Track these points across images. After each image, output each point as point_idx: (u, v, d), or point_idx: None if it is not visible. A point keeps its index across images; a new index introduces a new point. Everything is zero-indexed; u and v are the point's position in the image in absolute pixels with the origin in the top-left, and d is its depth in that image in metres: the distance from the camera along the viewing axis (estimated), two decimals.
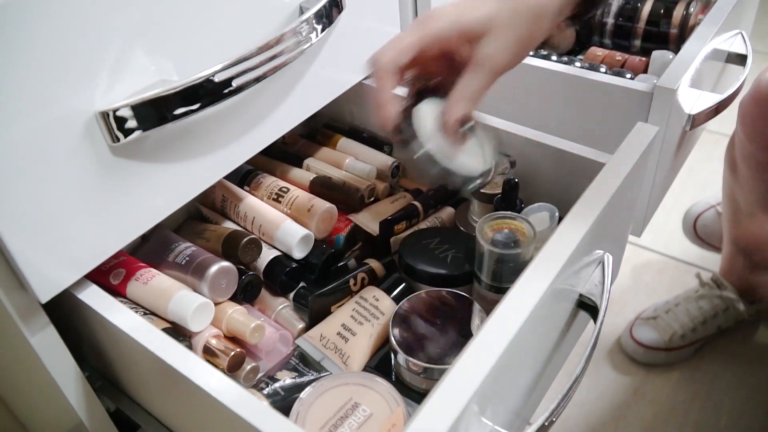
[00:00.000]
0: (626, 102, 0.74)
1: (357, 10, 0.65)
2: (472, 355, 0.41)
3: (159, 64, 0.48)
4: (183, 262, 0.59)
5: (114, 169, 0.47)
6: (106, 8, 0.43)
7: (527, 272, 0.46)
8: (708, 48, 0.78)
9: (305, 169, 0.77)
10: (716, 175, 1.11)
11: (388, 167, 0.76)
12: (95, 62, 0.44)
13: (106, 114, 0.44)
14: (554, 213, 0.61)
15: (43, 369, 0.51)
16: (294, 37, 0.54)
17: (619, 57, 0.91)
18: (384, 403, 0.49)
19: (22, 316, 0.48)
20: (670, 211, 1.40)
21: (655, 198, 0.84)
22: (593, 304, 0.55)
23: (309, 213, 0.66)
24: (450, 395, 0.39)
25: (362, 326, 0.59)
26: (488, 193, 0.66)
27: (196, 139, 0.53)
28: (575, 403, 1.07)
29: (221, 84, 0.49)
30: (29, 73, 0.40)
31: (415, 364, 0.52)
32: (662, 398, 1.08)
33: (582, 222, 0.50)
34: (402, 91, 0.53)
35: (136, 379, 0.55)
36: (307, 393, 0.50)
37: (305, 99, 0.63)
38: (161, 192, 0.52)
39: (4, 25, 0.38)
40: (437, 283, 0.61)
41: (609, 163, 0.55)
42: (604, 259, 0.57)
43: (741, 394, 1.07)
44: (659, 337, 1.11)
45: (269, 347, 0.59)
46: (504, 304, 0.44)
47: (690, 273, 1.28)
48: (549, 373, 0.59)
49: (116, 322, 0.48)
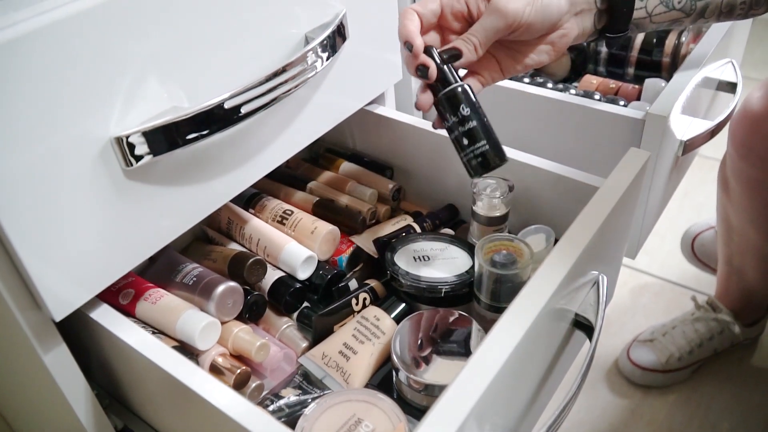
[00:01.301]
0: (619, 128, 0.76)
1: (360, 39, 0.67)
2: (470, 372, 0.42)
3: (171, 92, 0.50)
4: (190, 282, 0.61)
5: (127, 192, 0.49)
6: (123, 41, 0.45)
7: (524, 292, 0.48)
8: (699, 76, 0.80)
9: (308, 192, 0.79)
10: (711, 199, 1.14)
11: (389, 190, 0.78)
12: (112, 90, 0.46)
13: (120, 139, 0.46)
14: (550, 235, 0.63)
15: (55, 387, 0.53)
16: (300, 65, 0.56)
17: (613, 84, 0.93)
18: (386, 419, 0.50)
19: (36, 334, 0.49)
20: (665, 234, 1.42)
21: (649, 221, 0.86)
22: (588, 324, 0.56)
23: (312, 235, 0.68)
24: (449, 411, 0.40)
25: (363, 345, 0.60)
26: (486, 215, 0.68)
27: (205, 164, 0.55)
28: (574, 425, 1.07)
29: (231, 110, 0.51)
30: (50, 100, 0.42)
31: (416, 382, 0.54)
32: (659, 419, 1.08)
33: (577, 243, 0.51)
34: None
35: (145, 396, 0.57)
36: (312, 409, 0.51)
37: (310, 124, 0.65)
38: (171, 214, 0.54)
39: (28, 54, 0.40)
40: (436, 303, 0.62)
41: (602, 187, 0.57)
42: (598, 280, 0.58)
43: (738, 416, 1.08)
44: (656, 359, 1.12)
45: (274, 365, 0.61)
46: (501, 323, 0.45)
47: (686, 295, 1.30)
48: (547, 390, 0.60)
49: (128, 341, 0.50)
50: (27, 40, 0.40)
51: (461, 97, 0.54)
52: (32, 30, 0.40)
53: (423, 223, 0.74)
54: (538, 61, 0.57)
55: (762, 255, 1.01)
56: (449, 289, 0.62)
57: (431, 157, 0.76)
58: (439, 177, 0.77)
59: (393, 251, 0.66)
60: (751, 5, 0.59)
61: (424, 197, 0.80)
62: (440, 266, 0.64)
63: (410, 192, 0.82)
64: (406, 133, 0.77)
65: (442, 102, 0.55)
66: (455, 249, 0.67)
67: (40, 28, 0.40)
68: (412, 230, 0.72)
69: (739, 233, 1.02)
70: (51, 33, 0.41)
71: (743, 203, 0.96)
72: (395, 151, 0.81)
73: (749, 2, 0.58)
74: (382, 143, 0.81)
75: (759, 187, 0.91)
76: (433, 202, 0.79)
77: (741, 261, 1.06)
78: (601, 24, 0.59)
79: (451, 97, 0.54)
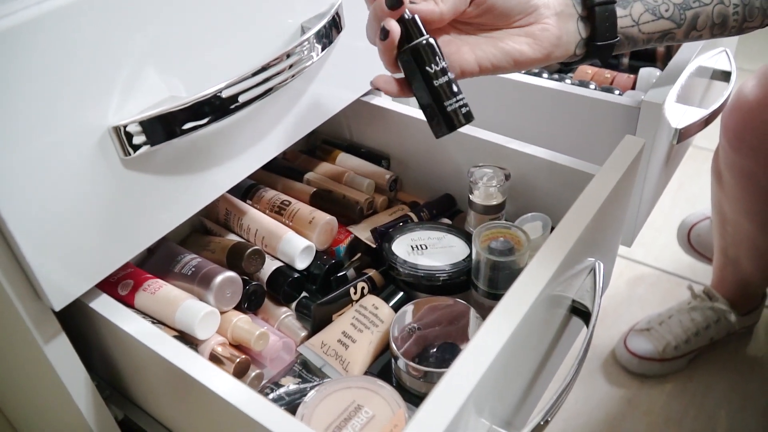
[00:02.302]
0: (615, 117, 0.76)
1: (355, 29, 0.67)
2: (468, 357, 0.43)
3: (169, 82, 0.50)
4: (189, 272, 0.61)
5: (125, 182, 0.49)
6: (121, 31, 0.45)
7: (521, 278, 0.48)
8: (693, 65, 0.81)
9: (306, 183, 0.79)
10: (706, 190, 1.14)
11: (386, 181, 0.78)
12: (110, 79, 0.46)
13: (118, 129, 0.47)
14: (547, 222, 0.64)
15: (55, 377, 0.53)
16: (296, 55, 0.56)
17: (608, 74, 0.94)
18: (386, 406, 0.51)
19: (36, 324, 0.49)
20: (661, 225, 1.43)
21: (645, 209, 0.87)
22: (585, 310, 0.57)
23: (310, 225, 0.69)
24: (448, 396, 0.40)
25: (362, 333, 0.61)
26: (483, 204, 0.68)
27: (202, 154, 0.55)
28: (571, 415, 1.08)
29: (227, 100, 0.51)
30: (48, 90, 0.42)
31: (415, 369, 0.54)
32: (656, 409, 1.09)
33: (573, 231, 0.52)
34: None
35: (145, 386, 0.57)
36: (311, 396, 0.52)
37: (306, 115, 0.66)
38: (169, 204, 0.54)
39: (25, 44, 0.40)
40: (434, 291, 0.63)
41: (598, 174, 0.58)
42: (595, 267, 0.59)
43: (734, 404, 1.09)
44: (653, 348, 1.13)
45: (273, 354, 0.61)
46: (499, 309, 0.46)
47: (682, 286, 1.30)
48: (544, 377, 0.61)
49: (128, 330, 0.50)
50: (26, 29, 0.40)
51: (437, 48, 0.53)
52: (30, 19, 0.40)
53: (420, 212, 0.74)
54: (519, 50, 0.57)
55: (756, 245, 1.02)
56: (447, 278, 0.62)
57: (428, 147, 0.76)
58: (435, 167, 0.77)
59: (390, 241, 0.67)
60: (744, 17, 0.59)
61: (421, 187, 0.81)
62: (438, 255, 0.65)
63: (407, 182, 0.82)
64: (403, 124, 0.77)
65: (418, 52, 0.53)
66: (452, 238, 0.67)
67: (38, 17, 0.40)
68: (409, 220, 0.72)
69: (733, 224, 1.03)
70: (49, 22, 0.41)
71: (736, 194, 0.97)
72: (392, 142, 0.81)
73: (743, 14, 0.58)
74: (378, 134, 0.82)
75: (751, 178, 0.92)
76: (429, 191, 0.79)
77: (736, 251, 1.07)
78: (587, 33, 0.59)
79: (427, 48, 0.53)
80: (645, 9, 0.58)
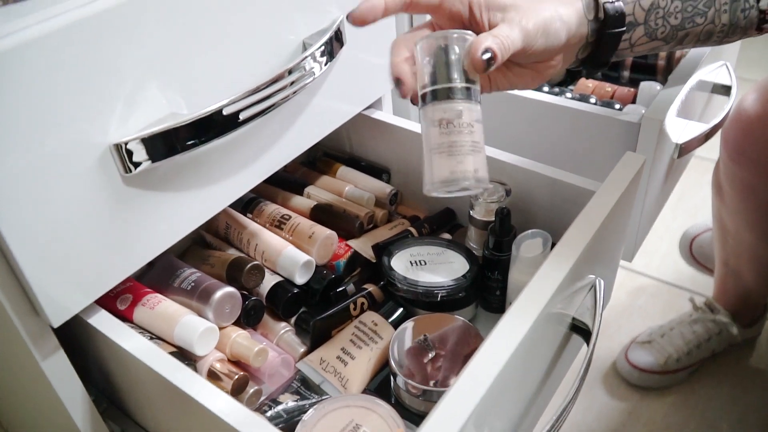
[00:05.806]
0: (615, 132, 0.76)
1: (357, 44, 0.67)
2: (469, 377, 0.42)
3: (170, 98, 0.50)
4: (188, 287, 0.61)
5: (125, 198, 0.49)
6: (122, 48, 0.45)
7: (522, 296, 0.48)
8: (694, 79, 0.81)
9: (306, 196, 0.79)
10: (707, 201, 1.14)
11: (387, 195, 0.78)
12: (111, 97, 0.46)
13: (119, 146, 0.47)
14: (547, 239, 0.63)
15: (52, 392, 0.53)
16: (298, 71, 0.56)
17: (609, 88, 0.94)
18: (384, 425, 0.51)
19: (34, 340, 0.49)
20: (662, 236, 1.43)
21: (645, 223, 0.86)
22: (586, 328, 0.57)
23: (310, 240, 0.68)
24: (448, 416, 0.40)
25: (361, 350, 0.60)
26: (483, 220, 0.68)
27: (203, 170, 0.55)
28: (571, 427, 1.08)
29: (229, 117, 0.51)
30: (49, 107, 0.42)
31: (414, 387, 0.54)
32: (657, 421, 1.09)
33: (574, 248, 0.52)
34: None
35: (142, 401, 0.57)
36: (310, 415, 0.51)
37: (307, 129, 0.66)
38: (169, 220, 0.54)
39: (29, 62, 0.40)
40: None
41: (599, 191, 0.58)
42: (595, 284, 0.58)
43: (736, 416, 1.08)
44: (655, 361, 1.12)
45: (272, 371, 0.61)
46: (500, 327, 0.45)
47: (683, 297, 1.30)
48: (545, 394, 0.61)
49: (126, 346, 0.50)
50: (28, 48, 0.40)
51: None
52: (33, 38, 0.40)
53: (420, 227, 0.74)
54: (523, 81, 0.56)
55: (757, 257, 1.02)
56: (446, 294, 0.62)
57: None
58: None
59: (390, 256, 0.66)
60: (726, 33, 0.59)
61: (421, 201, 0.81)
62: (437, 270, 0.64)
63: (407, 196, 0.82)
64: (403, 138, 0.77)
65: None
66: (452, 253, 0.67)
67: (40, 36, 0.40)
68: (409, 234, 0.72)
69: (734, 236, 1.02)
70: (51, 41, 0.41)
71: (737, 206, 0.97)
72: (392, 156, 0.81)
73: (726, 30, 0.59)
74: (379, 147, 0.82)
75: (752, 191, 0.92)
76: (430, 206, 0.79)
77: (737, 263, 1.06)
78: (585, 54, 0.59)
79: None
80: (644, 33, 0.58)
